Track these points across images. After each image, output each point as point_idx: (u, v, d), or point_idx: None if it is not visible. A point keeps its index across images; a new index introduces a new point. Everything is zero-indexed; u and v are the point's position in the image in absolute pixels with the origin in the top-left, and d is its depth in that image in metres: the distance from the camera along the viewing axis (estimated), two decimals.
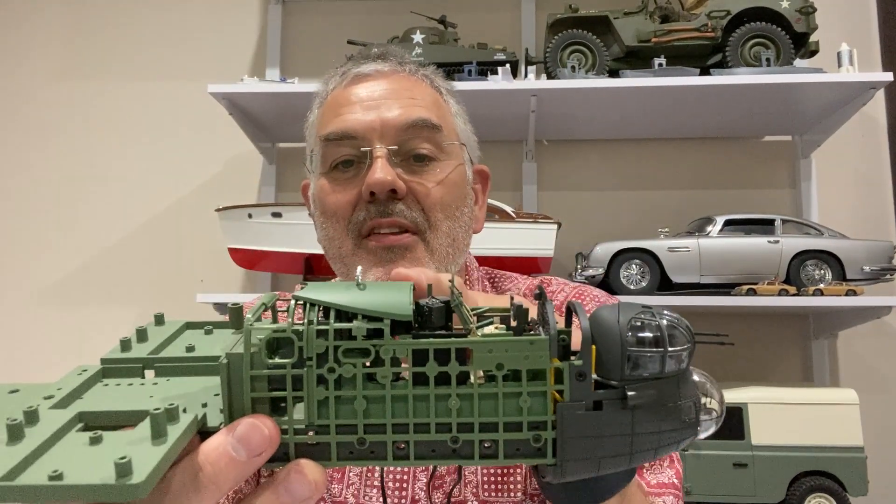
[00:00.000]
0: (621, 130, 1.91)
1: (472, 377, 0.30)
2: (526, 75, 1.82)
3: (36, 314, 2.02)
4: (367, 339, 0.29)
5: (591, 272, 1.60)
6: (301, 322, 0.30)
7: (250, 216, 1.68)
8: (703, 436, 0.32)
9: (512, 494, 0.74)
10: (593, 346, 0.30)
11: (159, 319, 0.40)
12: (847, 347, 1.84)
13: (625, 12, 1.71)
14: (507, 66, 1.68)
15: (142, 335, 0.38)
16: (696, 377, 0.32)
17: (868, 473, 1.43)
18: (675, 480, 0.71)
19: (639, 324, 0.30)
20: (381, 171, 0.72)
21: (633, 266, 1.61)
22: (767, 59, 1.63)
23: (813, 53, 1.70)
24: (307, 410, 0.29)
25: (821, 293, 1.53)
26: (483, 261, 0.96)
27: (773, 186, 1.93)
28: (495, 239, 1.61)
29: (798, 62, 1.71)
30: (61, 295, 2.02)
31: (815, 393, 1.49)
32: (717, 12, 1.67)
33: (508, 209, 1.67)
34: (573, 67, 1.68)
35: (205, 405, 0.31)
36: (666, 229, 1.70)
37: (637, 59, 1.71)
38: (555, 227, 1.66)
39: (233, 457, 0.28)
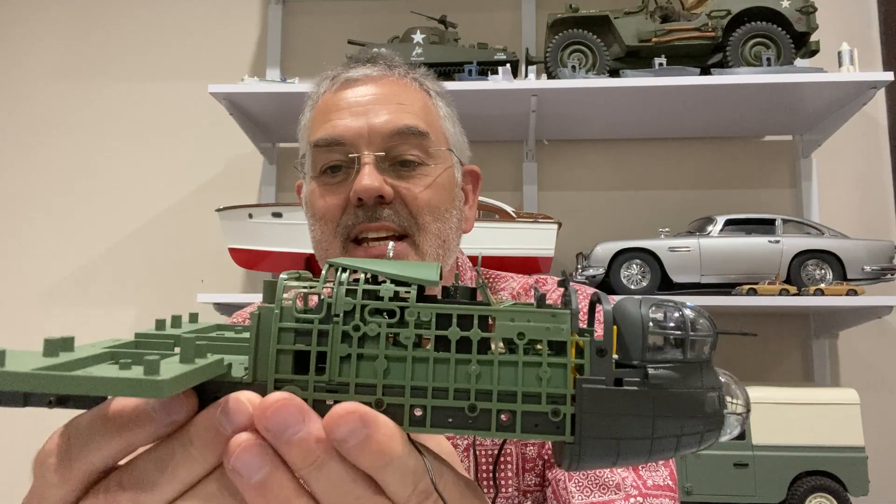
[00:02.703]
0: (621, 130, 1.91)
1: (493, 346, 0.30)
2: (526, 75, 1.82)
3: (36, 314, 2.02)
4: (394, 300, 0.30)
5: (591, 272, 1.60)
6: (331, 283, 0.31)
7: (251, 216, 1.68)
8: (727, 436, 0.31)
9: (503, 490, 0.74)
10: (615, 327, 0.30)
11: (193, 318, 0.42)
12: (848, 347, 1.84)
13: (625, 12, 1.71)
14: (508, 65, 1.68)
15: (176, 321, 0.39)
16: (721, 378, 0.31)
17: (869, 473, 1.43)
18: (671, 482, 0.71)
19: (661, 309, 0.30)
20: (369, 178, 0.74)
21: (634, 266, 1.61)
22: (768, 59, 1.63)
23: (813, 53, 1.70)
24: (329, 366, 0.30)
25: (822, 293, 1.52)
26: (484, 261, 0.96)
27: (774, 186, 1.92)
28: (496, 239, 1.61)
29: (798, 62, 1.71)
30: (61, 295, 2.02)
31: (815, 393, 1.49)
32: (717, 12, 1.67)
33: (509, 209, 1.67)
34: (573, 67, 1.68)
35: (229, 365, 0.32)
36: (666, 229, 1.70)
37: (637, 58, 1.71)
38: (555, 226, 1.66)
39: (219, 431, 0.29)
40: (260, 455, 0.28)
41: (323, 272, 0.32)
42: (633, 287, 1.59)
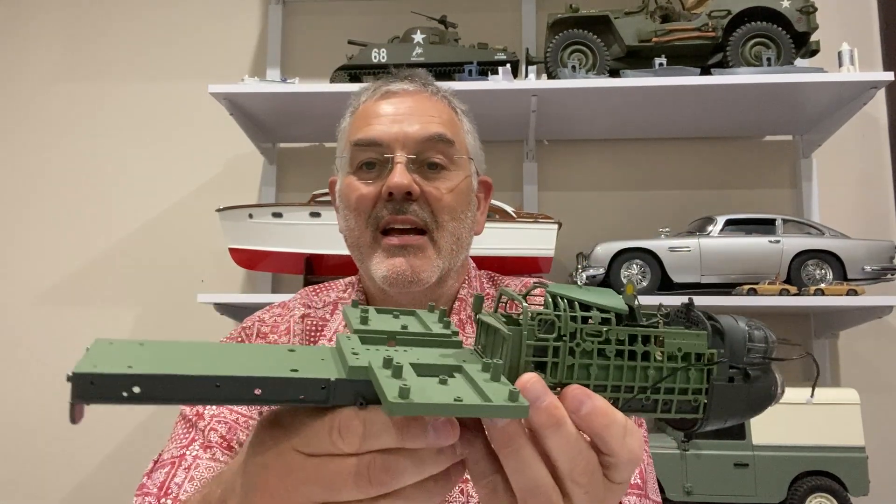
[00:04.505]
0: (622, 130, 1.91)
1: (659, 356, 0.43)
2: (526, 75, 1.82)
3: (36, 314, 2.02)
4: (601, 324, 0.42)
5: (591, 272, 1.60)
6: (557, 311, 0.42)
7: (251, 216, 1.68)
8: (772, 406, 0.47)
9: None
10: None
11: (355, 303, 0.51)
12: (848, 347, 1.84)
13: (625, 12, 1.71)
14: (508, 65, 1.68)
15: (365, 313, 0.49)
16: (775, 372, 0.48)
17: (869, 473, 1.43)
18: (639, 480, 0.78)
19: (753, 328, 0.46)
20: (400, 176, 0.85)
21: (634, 266, 1.61)
22: (768, 59, 1.63)
23: (814, 53, 1.70)
24: (560, 372, 0.41)
25: (822, 293, 1.52)
26: (484, 260, 0.99)
27: (774, 186, 1.92)
28: (496, 239, 1.61)
29: (799, 62, 1.71)
30: (61, 295, 2.02)
31: (816, 393, 1.49)
32: (717, 12, 1.67)
33: (509, 209, 1.67)
34: (574, 67, 1.68)
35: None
36: (667, 229, 1.70)
37: (638, 58, 1.71)
38: (555, 226, 1.66)
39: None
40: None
41: (547, 298, 0.43)
42: None
